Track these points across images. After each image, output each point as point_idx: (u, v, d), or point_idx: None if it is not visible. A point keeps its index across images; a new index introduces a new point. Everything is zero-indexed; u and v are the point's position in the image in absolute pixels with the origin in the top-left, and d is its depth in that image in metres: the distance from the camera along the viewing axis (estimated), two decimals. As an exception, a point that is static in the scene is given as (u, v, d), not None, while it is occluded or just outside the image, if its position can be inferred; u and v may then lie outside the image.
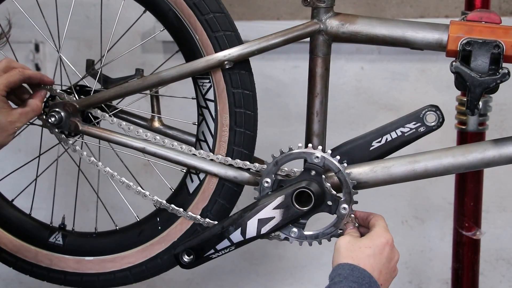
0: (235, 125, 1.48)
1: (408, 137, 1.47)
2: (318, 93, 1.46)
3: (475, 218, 1.88)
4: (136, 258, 1.57)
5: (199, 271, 2.48)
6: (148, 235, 1.57)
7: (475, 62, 1.36)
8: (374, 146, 1.47)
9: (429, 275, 2.36)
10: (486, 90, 1.35)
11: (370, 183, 1.47)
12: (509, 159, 1.40)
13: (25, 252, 1.62)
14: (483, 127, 1.82)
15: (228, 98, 1.47)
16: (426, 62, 2.26)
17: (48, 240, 1.63)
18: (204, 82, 1.47)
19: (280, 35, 1.44)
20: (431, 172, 1.44)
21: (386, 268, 1.32)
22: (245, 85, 1.48)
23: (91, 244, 1.62)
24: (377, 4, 2.31)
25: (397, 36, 1.42)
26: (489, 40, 1.35)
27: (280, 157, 1.44)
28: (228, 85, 1.46)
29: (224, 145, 1.48)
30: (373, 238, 1.34)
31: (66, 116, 1.52)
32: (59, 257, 1.62)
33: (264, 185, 1.45)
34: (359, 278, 1.27)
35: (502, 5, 2.24)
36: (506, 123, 2.26)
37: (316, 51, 1.45)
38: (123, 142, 1.51)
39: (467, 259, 1.90)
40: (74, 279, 1.61)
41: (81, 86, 1.56)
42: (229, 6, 2.24)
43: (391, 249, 1.36)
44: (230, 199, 1.51)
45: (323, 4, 1.43)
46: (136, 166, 1.73)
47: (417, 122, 1.46)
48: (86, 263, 1.60)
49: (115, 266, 1.59)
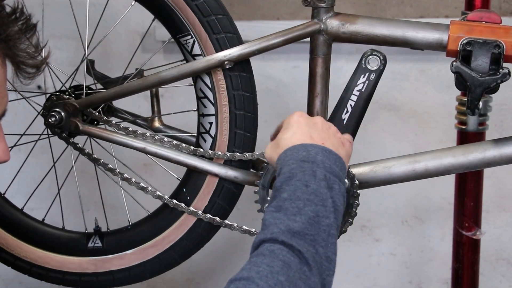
0: (235, 127, 1.48)
1: (368, 90, 1.46)
2: (319, 93, 1.46)
3: (475, 218, 1.88)
4: (175, 235, 1.56)
5: (199, 271, 2.49)
6: (177, 211, 1.56)
7: (475, 62, 1.36)
8: (345, 118, 1.47)
9: (429, 275, 2.36)
10: (486, 90, 1.36)
11: (371, 183, 1.47)
12: (510, 159, 1.40)
13: (69, 264, 1.62)
14: (483, 127, 1.82)
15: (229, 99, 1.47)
16: (426, 62, 2.26)
17: (87, 246, 1.62)
18: (204, 81, 1.48)
19: (281, 35, 1.44)
20: (432, 172, 1.44)
21: (314, 130, 1.28)
22: (246, 87, 1.48)
23: (129, 237, 1.61)
24: (377, 4, 2.31)
25: (397, 36, 1.42)
26: (489, 40, 1.35)
27: (264, 180, 1.46)
28: (228, 86, 1.46)
29: (224, 145, 1.49)
30: (283, 126, 1.33)
31: (67, 116, 1.52)
32: (102, 259, 1.61)
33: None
34: (292, 157, 1.22)
35: (502, 5, 2.24)
36: (506, 123, 2.26)
37: (316, 51, 1.45)
38: (124, 142, 1.52)
39: (467, 259, 1.90)
40: (122, 276, 1.61)
41: (76, 87, 1.57)
42: (229, 6, 2.24)
43: (305, 118, 1.32)
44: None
45: (323, 4, 1.43)
46: (137, 166, 1.73)
47: (364, 74, 1.46)
48: (130, 256, 1.60)
49: (158, 250, 1.58)
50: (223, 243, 2.42)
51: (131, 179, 1.55)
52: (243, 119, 1.48)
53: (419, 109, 2.31)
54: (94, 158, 1.55)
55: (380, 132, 2.35)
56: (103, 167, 1.56)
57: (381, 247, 2.39)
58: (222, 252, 2.45)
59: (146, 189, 1.55)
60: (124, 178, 1.55)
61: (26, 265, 1.63)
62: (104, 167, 1.56)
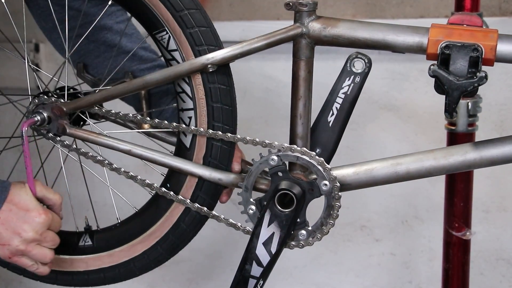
0: (213, 120, 1.50)
1: (353, 93, 1.48)
2: (302, 95, 1.47)
3: (465, 218, 1.88)
4: (161, 230, 1.58)
5: (199, 271, 2.51)
6: (165, 205, 1.58)
7: (453, 65, 1.36)
8: (331, 120, 1.48)
9: (429, 275, 2.36)
10: (464, 94, 1.36)
11: (353, 186, 1.48)
12: (490, 161, 1.40)
13: (61, 263, 1.65)
14: (473, 127, 1.82)
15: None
16: (426, 62, 2.25)
17: (78, 245, 1.65)
18: (183, 85, 1.50)
19: (263, 39, 1.45)
20: (413, 174, 1.45)
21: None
22: (224, 83, 1.49)
23: (118, 234, 1.63)
24: (377, 4, 2.31)
25: (378, 39, 1.42)
26: (468, 43, 1.35)
27: (247, 182, 1.48)
28: (204, 79, 1.48)
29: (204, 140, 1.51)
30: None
31: (54, 119, 1.55)
32: (93, 257, 1.64)
33: (251, 213, 1.49)
34: None
35: (502, 5, 2.23)
36: (506, 123, 2.25)
37: (299, 54, 1.45)
38: (110, 145, 1.54)
39: (457, 259, 1.90)
40: (112, 274, 1.64)
41: (61, 88, 1.59)
42: (229, 6, 2.26)
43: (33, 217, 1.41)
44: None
45: (305, 8, 1.44)
46: (138, 166, 1.75)
47: (350, 76, 1.47)
48: (119, 253, 1.62)
49: (145, 246, 1.60)
50: (223, 243, 2.44)
51: (120, 169, 1.56)
52: (220, 111, 1.50)
53: (419, 109, 2.31)
54: (82, 152, 1.57)
55: (380, 132, 2.35)
56: (92, 160, 1.57)
57: (381, 247, 2.40)
58: (222, 252, 2.47)
59: (135, 177, 1.56)
60: (114, 169, 1.56)
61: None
62: (93, 160, 1.57)
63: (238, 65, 1.48)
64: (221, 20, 2.31)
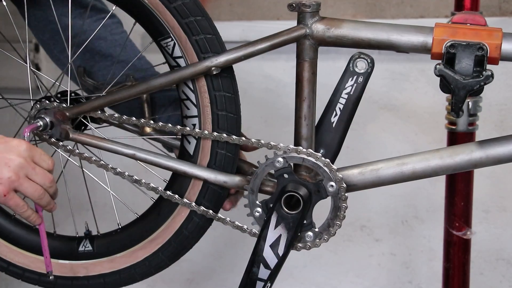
0: (217, 128, 1.49)
1: (356, 93, 1.47)
2: (306, 97, 1.47)
3: (465, 218, 1.88)
4: (163, 237, 1.57)
5: (199, 271, 2.51)
6: (167, 211, 1.57)
7: (459, 64, 1.36)
8: (334, 121, 1.48)
9: (429, 275, 2.36)
10: (470, 93, 1.36)
11: (359, 186, 1.47)
12: (496, 160, 1.40)
13: (61, 268, 1.64)
14: (473, 127, 1.82)
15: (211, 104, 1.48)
16: (426, 62, 2.24)
17: (78, 250, 1.64)
18: (188, 88, 1.49)
19: (267, 40, 1.45)
20: (419, 174, 1.44)
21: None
22: (227, 88, 1.49)
23: (119, 240, 1.62)
24: (377, 4, 2.31)
25: (382, 39, 1.42)
26: (473, 42, 1.35)
27: (252, 184, 1.47)
28: (209, 87, 1.48)
29: (208, 146, 1.50)
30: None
31: (57, 124, 1.54)
32: (93, 262, 1.63)
33: (257, 215, 1.49)
34: None
35: (502, 5, 2.24)
36: (506, 123, 2.25)
37: (302, 55, 1.45)
38: (114, 149, 1.53)
39: (457, 259, 1.91)
40: (113, 279, 1.63)
41: (62, 93, 1.59)
42: (229, 6, 2.25)
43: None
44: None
45: (308, 9, 1.43)
46: (138, 173, 1.75)
47: (352, 77, 1.47)
48: (119, 259, 1.61)
49: (146, 252, 1.59)
50: (223, 244, 2.44)
51: (125, 173, 1.56)
52: (225, 119, 1.49)
53: (419, 109, 2.31)
54: (85, 157, 1.56)
55: (380, 132, 2.35)
56: (96, 165, 1.56)
57: (381, 247, 2.40)
58: (222, 252, 2.47)
59: (140, 181, 1.55)
60: (118, 173, 1.56)
61: (19, 270, 1.65)
62: (96, 164, 1.56)
63: (238, 65, 1.47)
64: (221, 20, 2.30)
